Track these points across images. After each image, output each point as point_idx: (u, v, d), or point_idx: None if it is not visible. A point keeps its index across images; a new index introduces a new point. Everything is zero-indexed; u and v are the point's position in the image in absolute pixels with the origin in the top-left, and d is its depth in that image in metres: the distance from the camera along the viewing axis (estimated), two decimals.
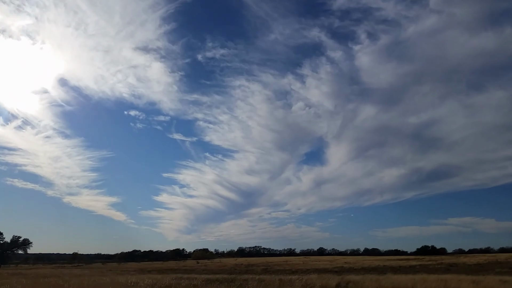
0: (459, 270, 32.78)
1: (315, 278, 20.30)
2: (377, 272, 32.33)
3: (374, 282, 17.80)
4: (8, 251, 77.21)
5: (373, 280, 18.81)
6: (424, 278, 19.35)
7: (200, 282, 19.72)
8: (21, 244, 77.72)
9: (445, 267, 37.90)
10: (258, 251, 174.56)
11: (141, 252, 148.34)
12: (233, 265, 59.95)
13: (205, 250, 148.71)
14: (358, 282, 18.14)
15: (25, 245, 78.87)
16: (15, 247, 77.52)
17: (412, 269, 35.17)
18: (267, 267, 48.24)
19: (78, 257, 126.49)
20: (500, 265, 38.39)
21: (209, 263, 77.83)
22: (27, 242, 78.83)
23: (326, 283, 18.05)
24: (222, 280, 20.61)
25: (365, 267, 41.28)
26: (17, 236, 77.76)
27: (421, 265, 42.63)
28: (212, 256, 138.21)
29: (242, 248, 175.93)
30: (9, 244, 76.25)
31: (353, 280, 18.92)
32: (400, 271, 32.37)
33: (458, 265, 41.20)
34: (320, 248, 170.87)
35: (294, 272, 36.26)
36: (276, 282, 18.59)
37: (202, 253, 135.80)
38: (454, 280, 17.95)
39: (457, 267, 37.54)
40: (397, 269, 35.89)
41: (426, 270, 33.67)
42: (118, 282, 20.63)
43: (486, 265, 40.41)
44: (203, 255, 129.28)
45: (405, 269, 35.61)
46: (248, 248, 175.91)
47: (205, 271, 42.16)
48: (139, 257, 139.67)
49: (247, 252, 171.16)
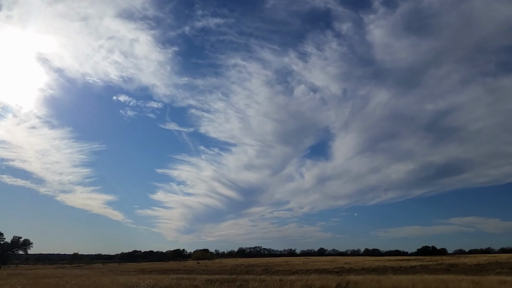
0: (459, 270, 32.79)
1: (315, 278, 20.31)
2: (378, 272, 32.34)
3: (374, 283, 17.79)
4: (8, 252, 77.19)
5: (374, 280, 18.80)
6: (424, 279, 19.34)
7: (200, 283, 19.73)
8: (21, 244, 77.75)
9: (445, 268, 37.90)
10: (258, 252, 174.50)
11: (142, 252, 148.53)
12: (234, 266, 59.93)
13: (205, 250, 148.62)
14: (359, 283, 18.13)
15: (26, 246, 78.92)
16: (16, 248, 77.50)
17: (413, 270, 35.18)
18: (267, 268, 48.25)
19: (78, 257, 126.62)
20: (500, 266, 38.36)
21: (209, 264, 77.85)
22: (28, 242, 78.84)
23: (326, 283, 18.05)
24: (222, 281, 20.63)
25: (366, 268, 41.27)
26: (17, 237, 77.88)
27: (422, 266, 42.62)
28: (212, 256, 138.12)
29: (243, 248, 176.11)
30: (9, 244, 76.26)
31: (353, 281, 18.91)
32: (400, 272, 32.38)
33: (459, 266, 41.17)
34: (321, 248, 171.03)
35: (294, 272, 36.25)
36: (277, 283, 18.59)
37: (203, 254, 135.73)
38: (454, 281, 17.94)
39: (457, 268, 37.54)
40: (398, 270, 35.88)
41: (426, 270, 33.70)
42: (119, 283, 20.64)
43: (487, 265, 40.38)
44: (203, 256, 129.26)
45: (406, 270, 35.61)
46: (249, 249, 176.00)
47: (206, 272, 42.17)
48: (139, 258, 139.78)
49: (248, 252, 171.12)
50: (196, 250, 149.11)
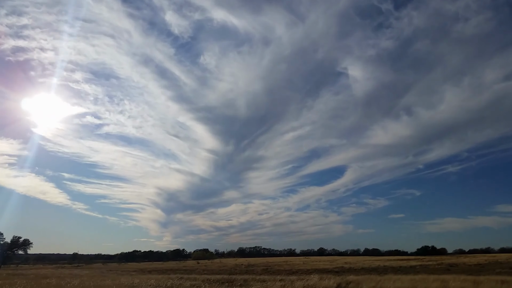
0: (459, 270, 32.80)
1: (316, 278, 20.33)
2: (377, 272, 32.36)
3: (374, 283, 17.82)
4: (8, 252, 77.19)
5: (374, 280, 18.83)
6: (424, 278, 19.37)
7: (201, 283, 19.75)
8: (21, 244, 77.80)
9: (445, 268, 37.92)
10: (258, 251, 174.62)
11: (141, 252, 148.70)
12: (234, 266, 59.94)
13: (205, 250, 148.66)
14: (359, 283, 18.16)
15: (25, 246, 79.00)
16: (15, 248, 77.51)
17: (413, 270, 35.21)
18: (267, 268, 48.25)
19: (78, 257, 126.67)
20: (500, 266, 38.39)
21: (209, 264, 77.84)
22: (27, 242, 78.94)
23: (327, 283, 18.08)
24: (222, 281, 20.66)
25: (365, 268, 41.29)
26: (17, 237, 77.91)
27: (421, 265, 42.65)
28: (212, 256, 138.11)
29: (242, 248, 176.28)
30: (9, 244, 76.27)
31: (353, 281, 18.94)
32: (400, 272, 32.40)
33: (458, 265, 41.20)
34: (321, 248, 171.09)
35: (294, 272, 36.27)
36: (277, 282, 18.62)
37: (202, 253, 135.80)
38: (455, 280, 17.96)
39: (457, 267, 37.56)
40: (398, 270, 35.90)
41: (426, 270, 33.73)
42: (120, 283, 20.65)
43: (487, 265, 40.42)
44: (203, 255, 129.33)
45: (406, 270, 35.63)
46: (248, 249, 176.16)
47: (206, 272, 42.18)
48: (139, 257, 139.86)
49: (247, 252, 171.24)
50: (196, 250, 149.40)
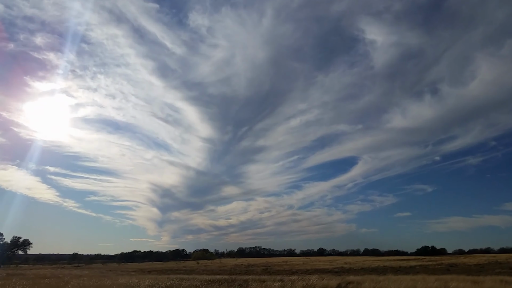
0: (459, 270, 32.81)
1: (316, 278, 20.33)
2: (377, 272, 32.37)
3: (374, 283, 17.81)
4: (8, 252, 77.24)
5: (374, 280, 18.82)
6: (424, 279, 19.37)
7: (201, 283, 19.74)
8: (21, 244, 77.85)
9: (445, 268, 37.93)
10: (258, 252, 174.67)
11: (141, 252, 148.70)
12: (233, 266, 59.92)
13: (205, 250, 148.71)
14: (359, 283, 18.15)
15: (25, 246, 79.05)
16: (15, 248, 77.58)
17: (412, 270, 35.21)
18: (267, 268, 48.24)
19: (78, 257, 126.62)
20: (500, 266, 38.40)
21: (209, 264, 77.84)
22: (27, 242, 79.03)
23: (327, 283, 18.08)
24: (222, 281, 20.65)
25: (365, 268, 41.30)
26: (17, 237, 77.97)
27: (421, 266, 42.66)
28: (212, 256, 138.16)
29: (242, 248, 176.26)
30: (9, 244, 76.34)
31: (354, 281, 18.94)
32: (400, 272, 32.41)
33: (458, 266, 41.21)
34: (320, 248, 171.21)
35: (294, 272, 36.26)
36: (277, 283, 18.61)
37: (202, 254, 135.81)
38: (454, 281, 17.96)
39: (457, 268, 37.57)
40: (397, 270, 35.91)
41: (426, 270, 33.74)
42: (119, 283, 20.65)
43: (486, 265, 40.43)
44: (203, 256, 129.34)
45: (405, 270, 35.64)
46: (248, 249, 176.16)
47: (206, 272, 42.17)
48: (139, 258, 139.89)
49: (247, 252, 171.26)
50: (196, 250, 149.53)
